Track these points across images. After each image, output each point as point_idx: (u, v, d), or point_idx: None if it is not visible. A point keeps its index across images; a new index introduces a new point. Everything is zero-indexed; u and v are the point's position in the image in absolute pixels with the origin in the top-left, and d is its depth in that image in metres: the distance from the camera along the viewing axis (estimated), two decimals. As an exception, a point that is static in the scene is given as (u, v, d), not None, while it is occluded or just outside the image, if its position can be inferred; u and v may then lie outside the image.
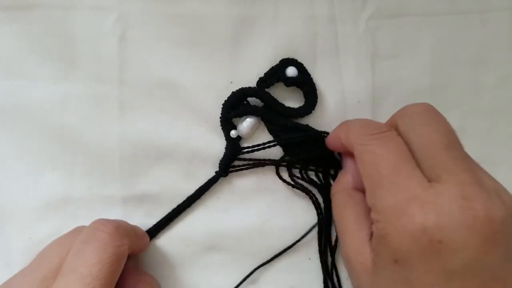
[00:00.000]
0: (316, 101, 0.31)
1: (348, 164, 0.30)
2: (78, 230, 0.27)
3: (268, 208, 0.32)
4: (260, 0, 0.31)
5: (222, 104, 0.31)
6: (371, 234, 0.25)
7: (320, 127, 0.32)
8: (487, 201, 0.21)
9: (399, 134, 0.25)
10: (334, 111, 0.32)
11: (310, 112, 0.31)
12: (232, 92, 0.31)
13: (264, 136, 0.32)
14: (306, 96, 0.31)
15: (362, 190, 0.28)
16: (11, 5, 0.31)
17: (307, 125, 0.31)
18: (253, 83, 0.31)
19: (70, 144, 0.31)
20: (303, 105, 0.31)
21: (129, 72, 0.31)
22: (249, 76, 0.31)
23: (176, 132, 0.31)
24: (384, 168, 0.24)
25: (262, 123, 0.32)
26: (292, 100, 0.32)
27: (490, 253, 0.21)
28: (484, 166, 0.34)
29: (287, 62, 0.31)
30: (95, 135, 0.31)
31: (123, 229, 0.27)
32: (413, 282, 0.22)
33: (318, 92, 0.32)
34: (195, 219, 0.32)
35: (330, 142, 0.30)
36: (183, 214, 0.31)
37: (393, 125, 0.26)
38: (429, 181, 0.23)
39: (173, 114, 0.31)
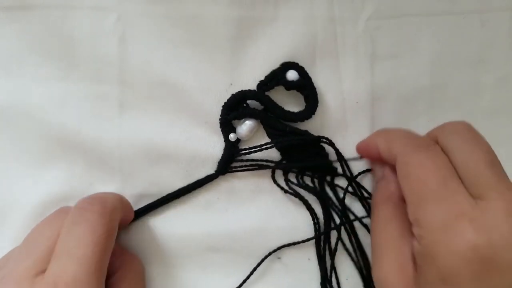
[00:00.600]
0: (317, 106, 0.31)
1: (389, 174, 0.29)
2: (64, 211, 0.27)
3: (267, 209, 0.32)
4: (260, 1, 0.31)
5: (222, 106, 0.31)
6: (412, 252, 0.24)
7: (319, 128, 0.32)
8: None
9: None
10: (333, 111, 0.32)
11: (310, 117, 0.31)
12: (232, 94, 0.31)
13: (263, 139, 0.32)
14: (306, 100, 0.31)
15: (404, 201, 0.27)
16: (11, 5, 0.31)
17: (306, 131, 0.31)
18: (253, 84, 0.31)
19: (69, 143, 0.31)
20: (303, 110, 0.31)
21: (129, 72, 0.31)
22: (249, 77, 0.31)
23: (176, 132, 0.31)
24: (432, 182, 0.23)
25: (262, 126, 0.32)
26: (292, 104, 0.32)
27: None
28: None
29: (288, 65, 0.31)
30: (94, 135, 0.31)
31: (110, 205, 0.26)
32: None
33: (317, 92, 0.32)
34: (195, 219, 0.32)
35: (364, 148, 0.30)
36: (183, 214, 0.31)
37: (433, 140, 0.26)
38: (473, 198, 0.23)
39: (173, 114, 0.31)
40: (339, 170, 0.32)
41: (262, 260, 0.31)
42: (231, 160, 0.31)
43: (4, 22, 0.31)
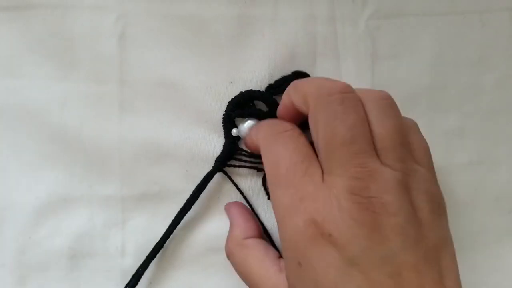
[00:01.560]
0: None
1: (231, 215, 0.30)
2: None
3: (268, 208, 0.32)
4: (260, 0, 0.31)
5: (228, 102, 0.31)
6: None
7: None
8: (376, 196, 0.22)
9: (310, 120, 0.25)
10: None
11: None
12: (240, 92, 0.31)
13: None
14: None
15: (253, 236, 0.29)
16: (11, 5, 0.31)
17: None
18: (253, 83, 0.31)
19: (70, 143, 0.31)
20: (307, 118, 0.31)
21: (129, 72, 0.31)
22: (249, 76, 0.31)
23: (176, 132, 0.31)
24: (282, 167, 0.24)
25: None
26: None
27: (384, 243, 0.21)
28: (484, 166, 0.35)
29: (299, 74, 0.31)
30: (95, 135, 0.31)
31: None
32: (318, 281, 0.22)
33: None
34: (195, 219, 0.32)
35: (247, 143, 0.30)
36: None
37: (304, 107, 0.25)
38: (324, 173, 0.23)
39: (172, 114, 0.31)
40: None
41: None
42: (231, 156, 0.31)
43: (4, 22, 0.31)
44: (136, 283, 0.30)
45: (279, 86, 0.31)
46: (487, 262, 0.34)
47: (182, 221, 0.31)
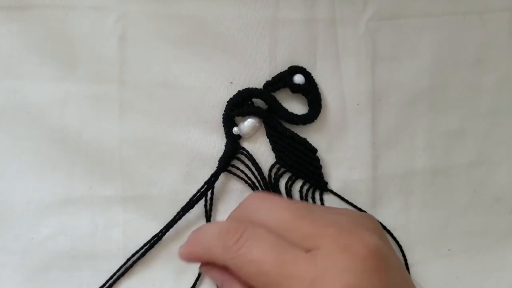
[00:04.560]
0: (320, 111, 0.31)
1: (227, 276, 0.25)
2: None
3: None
4: (260, 1, 0.31)
5: (227, 102, 0.31)
6: None
7: (319, 129, 0.32)
8: (360, 240, 0.22)
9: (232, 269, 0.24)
10: (334, 113, 0.32)
11: (312, 121, 0.31)
12: (238, 91, 0.31)
13: (264, 139, 0.32)
14: (310, 104, 0.32)
15: None
16: (11, 5, 0.30)
17: (305, 139, 0.31)
18: (253, 84, 0.31)
19: (70, 144, 0.31)
20: (306, 113, 0.31)
21: (129, 72, 0.31)
22: (249, 76, 0.31)
23: (176, 132, 0.31)
24: (270, 270, 0.22)
25: (263, 126, 0.32)
26: (295, 107, 0.32)
27: (387, 281, 0.22)
28: (484, 166, 0.35)
29: (295, 69, 0.31)
30: (95, 135, 0.31)
31: None
32: None
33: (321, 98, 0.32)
34: (196, 220, 0.32)
35: (188, 259, 0.26)
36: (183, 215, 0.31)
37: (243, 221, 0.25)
38: (307, 249, 0.22)
39: (173, 114, 0.31)
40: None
41: None
42: (233, 156, 0.31)
43: (4, 22, 0.31)
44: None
45: (276, 82, 0.31)
46: (488, 262, 0.34)
47: (182, 221, 0.31)
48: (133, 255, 0.31)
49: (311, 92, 0.31)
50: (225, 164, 0.31)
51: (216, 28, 0.31)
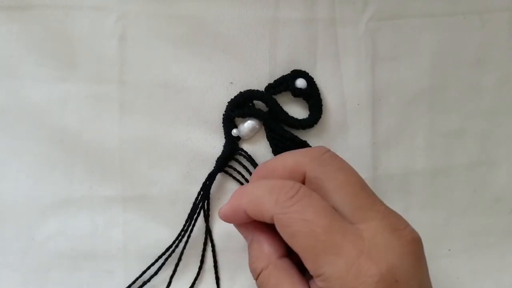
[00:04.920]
0: (320, 116, 0.31)
1: (259, 234, 0.26)
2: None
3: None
4: (260, 1, 0.31)
5: (228, 102, 0.31)
6: None
7: (320, 130, 0.32)
8: (406, 224, 0.23)
9: (309, 181, 0.25)
10: (334, 113, 0.32)
11: (313, 126, 0.31)
12: (240, 92, 0.31)
13: (263, 141, 0.32)
14: (311, 109, 0.32)
15: (284, 255, 0.25)
16: (11, 5, 0.30)
17: (305, 142, 0.31)
18: (253, 84, 0.31)
19: (70, 144, 0.31)
20: (307, 118, 0.31)
21: (129, 73, 0.31)
22: (249, 77, 0.31)
23: (176, 132, 0.31)
24: (320, 233, 0.22)
25: (263, 128, 0.32)
26: (296, 110, 0.32)
27: (425, 268, 0.23)
28: (484, 166, 0.35)
29: (298, 73, 0.31)
30: (95, 135, 0.31)
31: None
32: None
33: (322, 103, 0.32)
34: (196, 220, 0.32)
35: (230, 215, 0.26)
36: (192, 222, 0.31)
37: (296, 173, 0.25)
38: (353, 222, 0.23)
39: (173, 114, 0.31)
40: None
41: None
42: (231, 157, 0.31)
43: (4, 22, 0.30)
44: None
45: (278, 85, 0.31)
46: (488, 262, 0.34)
47: (176, 223, 0.31)
48: (148, 268, 0.31)
49: (312, 97, 0.31)
50: (222, 165, 0.31)
51: (216, 28, 0.31)
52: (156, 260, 0.31)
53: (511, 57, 0.34)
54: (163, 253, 0.31)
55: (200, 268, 0.32)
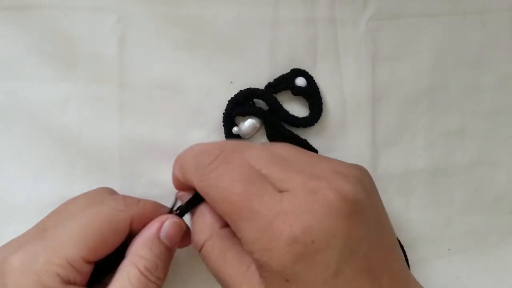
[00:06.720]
0: (320, 114, 0.31)
1: (200, 205, 0.26)
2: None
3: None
4: (260, 1, 0.31)
5: (228, 101, 0.31)
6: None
7: (320, 129, 0.32)
8: (330, 185, 0.22)
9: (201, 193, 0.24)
10: (334, 113, 0.32)
11: (313, 124, 0.31)
12: (240, 90, 0.31)
13: (264, 139, 0.32)
14: (311, 107, 0.32)
15: (226, 224, 0.25)
16: (11, 5, 0.30)
17: (305, 140, 0.31)
18: (253, 84, 0.31)
19: (70, 144, 0.31)
20: (307, 116, 0.32)
21: (129, 73, 0.31)
22: (249, 77, 0.31)
23: (176, 133, 0.31)
24: (236, 200, 0.22)
25: (263, 127, 0.32)
26: (296, 109, 0.32)
27: (357, 229, 0.22)
28: (484, 166, 0.35)
29: (297, 72, 0.31)
30: (95, 136, 0.31)
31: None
32: None
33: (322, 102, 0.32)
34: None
35: (174, 184, 0.27)
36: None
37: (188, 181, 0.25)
38: (278, 188, 0.23)
39: (173, 115, 0.31)
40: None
41: None
42: None
43: (4, 22, 0.31)
44: None
45: (278, 84, 0.31)
46: (488, 262, 0.34)
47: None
48: None
49: (312, 95, 0.31)
50: None
51: (216, 28, 0.31)
52: None
53: (511, 57, 0.34)
54: None
55: None
